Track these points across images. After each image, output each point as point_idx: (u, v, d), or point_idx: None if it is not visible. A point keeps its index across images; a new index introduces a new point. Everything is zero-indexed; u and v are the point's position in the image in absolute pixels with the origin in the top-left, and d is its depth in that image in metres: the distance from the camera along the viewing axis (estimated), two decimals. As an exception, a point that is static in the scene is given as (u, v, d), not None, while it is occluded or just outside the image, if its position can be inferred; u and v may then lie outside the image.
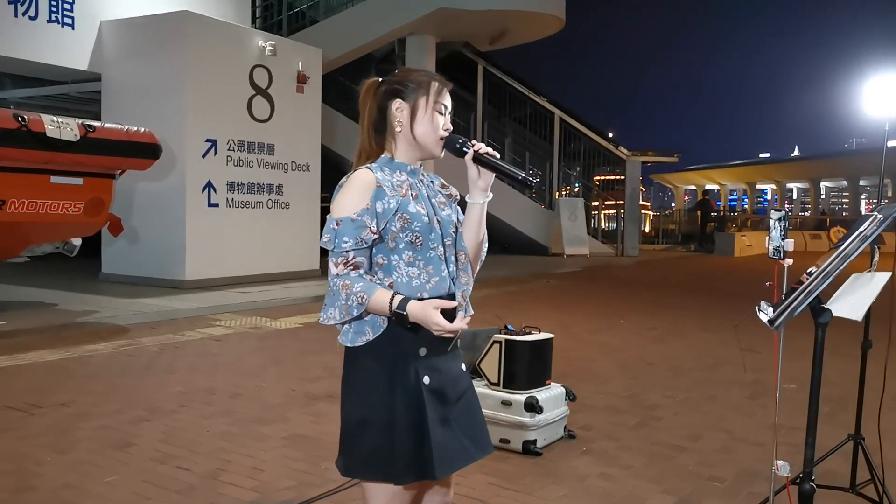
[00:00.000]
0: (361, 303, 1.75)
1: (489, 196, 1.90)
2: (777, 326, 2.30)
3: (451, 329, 1.75)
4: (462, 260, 1.93)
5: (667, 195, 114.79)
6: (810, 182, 60.16)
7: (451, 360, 1.91)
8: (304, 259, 11.14)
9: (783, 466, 2.52)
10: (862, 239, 2.32)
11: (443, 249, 1.87)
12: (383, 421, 1.79)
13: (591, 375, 5.69)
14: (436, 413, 1.82)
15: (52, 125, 6.78)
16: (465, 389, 1.94)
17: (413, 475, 1.80)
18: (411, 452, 1.79)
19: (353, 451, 1.84)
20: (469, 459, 1.88)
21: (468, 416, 1.91)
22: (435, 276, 1.85)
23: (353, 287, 1.75)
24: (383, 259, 1.83)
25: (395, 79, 1.91)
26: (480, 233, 1.95)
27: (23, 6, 9.41)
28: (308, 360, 5.94)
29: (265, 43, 10.71)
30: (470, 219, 1.94)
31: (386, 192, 1.81)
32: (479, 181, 1.89)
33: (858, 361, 3.18)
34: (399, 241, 1.82)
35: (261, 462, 3.64)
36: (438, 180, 2.01)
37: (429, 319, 1.73)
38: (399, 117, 1.88)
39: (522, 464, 3.70)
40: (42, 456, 3.64)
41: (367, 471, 1.83)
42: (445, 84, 1.91)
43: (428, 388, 1.82)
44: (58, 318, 7.46)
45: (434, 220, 1.86)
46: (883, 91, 4.15)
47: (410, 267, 1.83)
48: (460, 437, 1.86)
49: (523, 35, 17.96)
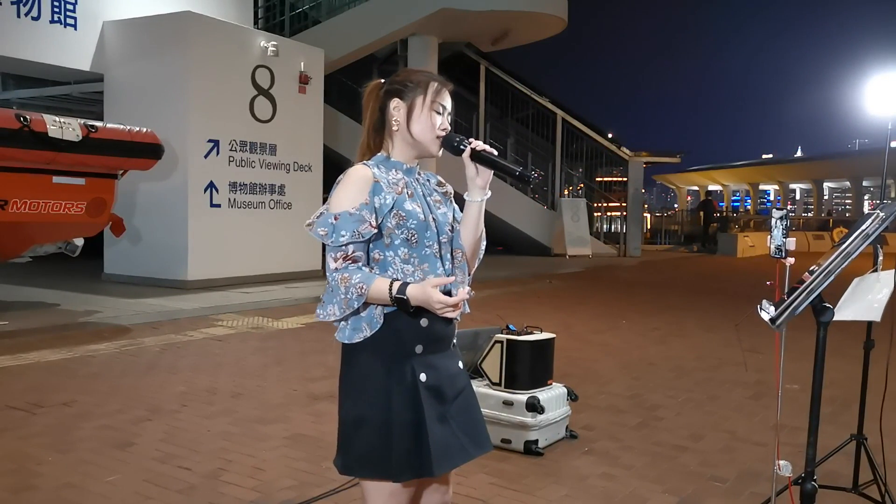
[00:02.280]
0: (361, 293, 1.75)
1: (488, 194, 1.90)
2: (779, 325, 2.30)
3: (452, 302, 1.74)
4: (459, 258, 1.94)
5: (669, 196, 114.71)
6: (813, 183, 60.08)
7: (449, 358, 1.92)
8: (306, 259, 11.14)
9: (785, 466, 2.52)
10: (864, 237, 2.31)
11: (438, 247, 1.88)
12: (380, 419, 1.79)
13: (592, 375, 5.68)
14: (433, 410, 1.82)
15: (54, 125, 6.78)
16: (463, 387, 1.94)
17: (411, 473, 1.80)
18: (409, 450, 1.78)
19: (351, 449, 1.84)
20: (467, 457, 1.88)
21: (466, 414, 1.91)
22: (430, 273, 1.85)
23: (352, 279, 1.76)
24: (379, 255, 1.84)
25: (396, 79, 1.93)
26: (479, 231, 1.95)
27: (25, 7, 9.42)
28: (309, 360, 5.93)
29: (267, 43, 10.72)
30: (468, 217, 1.93)
31: (382, 187, 1.82)
32: (477, 179, 1.89)
33: (861, 362, 3.17)
34: (394, 237, 1.82)
35: (262, 462, 3.64)
36: (435, 178, 2.02)
37: (430, 298, 1.73)
38: (396, 116, 1.89)
39: (524, 464, 3.70)
40: (43, 455, 3.64)
41: (365, 469, 1.83)
42: (445, 84, 1.91)
43: (425, 385, 1.82)
44: (60, 318, 7.47)
45: (430, 219, 1.87)
46: (886, 91, 4.13)
47: (406, 264, 1.83)
48: (458, 434, 1.86)
49: (526, 35, 17.94)
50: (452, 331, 1.94)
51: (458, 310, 1.77)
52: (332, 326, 1.89)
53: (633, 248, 19.63)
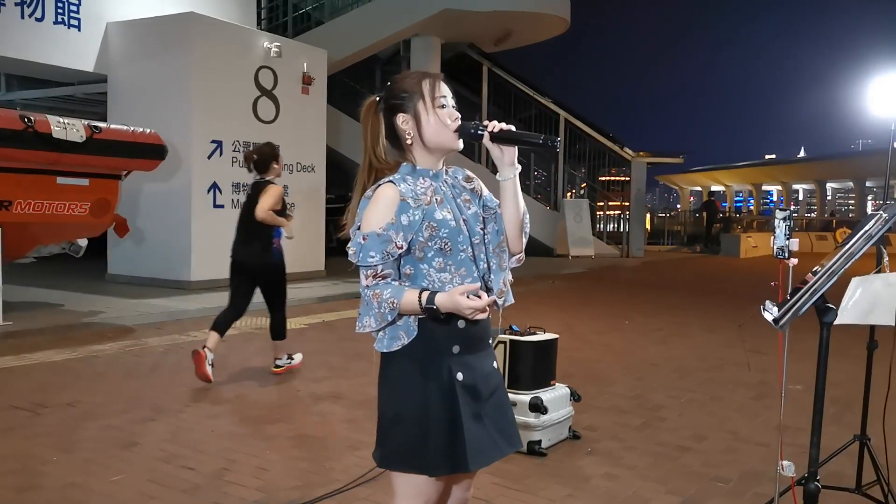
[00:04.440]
0: (393, 308, 1.79)
1: (518, 168, 1.91)
2: (782, 325, 2.30)
3: (480, 306, 1.77)
4: (502, 245, 1.95)
5: (672, 196, 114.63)
6: (816, 183, 60.03)
7: (484, 358, 1.95)
8: (309, 260, 11.14)
9: (788, 467, 2.52)
10: (867, 238, 2.31)
11: (471, 250, 1.89)
12: (417, 415, 1.84)
13: (595, 376, 5.68)
14: (469, 409, 1.85)
15: (58, 126, 6.80)
16: (497, 386, 1.98)
17: (446, 468, 1.84)
18: (445, 446, 1.82)
19: (389, 443, 1.88)
20: (500, 454, 1.92)
21: (499, 412, 1.95)
22: (467, 277, 1.87)
23: (383, 294, 1.80)
24: (410, 269, 1.86)
25: (389, 94, 1.93)
26: (520, 207, 1.95)
27: (29, 8, 9.44)
28: (313, 360, 5.94)
29: (270, 44, 10.74)
30: (505, 195, 1.94)
31: (410, 204, 1.83)
32: (503, 158, 1.89)
33: (864, 363, 3.17)
34: (427, 250, 1.84)
35: (266, 462, 3.65)
36: (463, 173, 2.02)
37: (458, 305, 1.76)
38: (407, 129, 1.90)
39: (527, 464, 3.70)
40: (48, 455, 3.65)
41: (402, 462, 1.87)
42: (436, 76, 1.92)
43: (461, 384, 1.86)
44: (64, 318, 7.49)
45: (461, 222, 1.89)
46: (889, 91, 4.14)
47: (442, 273, 1.86)
48: (492, 431, 1.90)
49: (528, 36, 17.95)
50: (488, 332, 1.98)
51: (485, 313, 1.80)
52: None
53: (635, 248, 19.61)
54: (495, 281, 1.93)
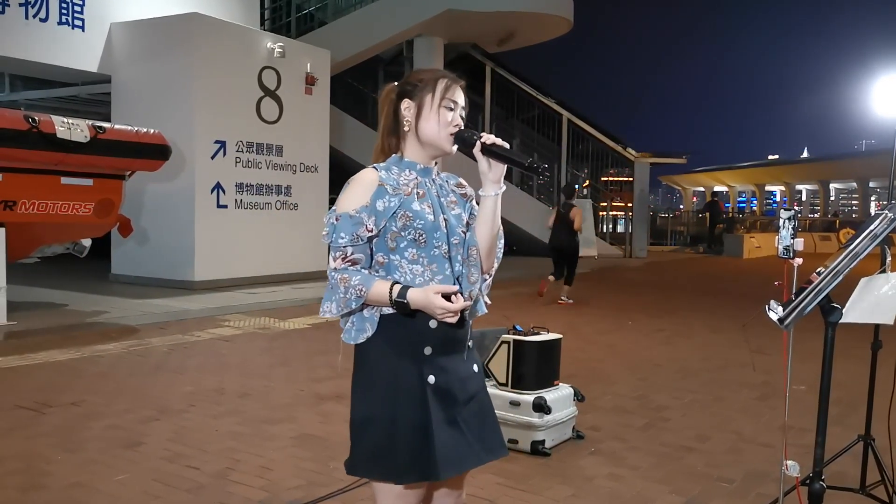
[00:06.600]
0: (360, 295, 1.76)
1: (502, 188, 1.87)
2: (787, 325, 2.30)
3: (453, 309, 1.73)
4: (474, 256, 1.90)
5: (675, 197, 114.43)
6: (819, 184, 59.84)
7: (462, 361, 1.89)
8: (312, 260, 11.15)
9: (793, 467, 2.52)
10: (872, 237, 2.31)
11: (447, 248, 1.86)
12: (386, 419, 1.79)
13: (599, 376, 5.68)
14: (441, 414, 1.80)
15: (62, 126, 6.81)
16: (477, 391, 1.92)
17: (415, 475, 1.78)
18: (414, 452, 1.77)
19: (358, 448, 1.84)
20: (477, 461, 1.85)
21: (478, 418, 1.89)
22: (438, 274, 1.84)
23: (352, 280, 1.78)
24: (383, 258, 1.84)
25: (406, 80, 1.94)
26: (494, 227, 1.90)
27: (33, 8, 9.46)
28: (316, 360, 5.95)
29: (274, 45, 10.75)
30: (483, 212, 1.89)
31: (387, 190, 1.82)
32: (490, 173, 1.85)
33: (868, 363, 3.16)
34: (400, 240, 1.82)
35: (269, 461, 3.65)
36: (455, 179, 2.00)
37: (431, 304, 1.73)
38: (407, 116, 1.89)
39: (531, 464, 3.70)
40: (52, 455, 3.66)
41: (370, 469, 1.83)
42: (455, 81, 1.91)
43: (433, 387, 1.81)
44: (68, 318, 7.50)
45: (440, 219, 1.86)
46: (892, 91, 4.13)
47: (414, 264, 1.83)
48: (469, 438, 1.83)
49: (531, 36, 17.94)
50: (465, 333, 1.91)
51: (456, 316, 1.76)
52: (339, 327, 1.91)
53: (638, 249, 19.60)
54: (465, 286, 1.88)
